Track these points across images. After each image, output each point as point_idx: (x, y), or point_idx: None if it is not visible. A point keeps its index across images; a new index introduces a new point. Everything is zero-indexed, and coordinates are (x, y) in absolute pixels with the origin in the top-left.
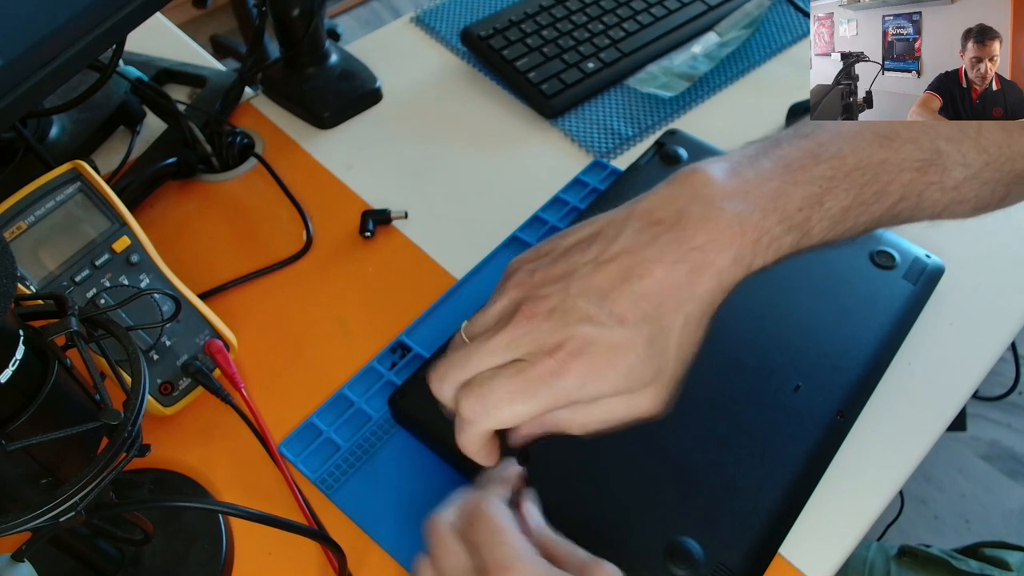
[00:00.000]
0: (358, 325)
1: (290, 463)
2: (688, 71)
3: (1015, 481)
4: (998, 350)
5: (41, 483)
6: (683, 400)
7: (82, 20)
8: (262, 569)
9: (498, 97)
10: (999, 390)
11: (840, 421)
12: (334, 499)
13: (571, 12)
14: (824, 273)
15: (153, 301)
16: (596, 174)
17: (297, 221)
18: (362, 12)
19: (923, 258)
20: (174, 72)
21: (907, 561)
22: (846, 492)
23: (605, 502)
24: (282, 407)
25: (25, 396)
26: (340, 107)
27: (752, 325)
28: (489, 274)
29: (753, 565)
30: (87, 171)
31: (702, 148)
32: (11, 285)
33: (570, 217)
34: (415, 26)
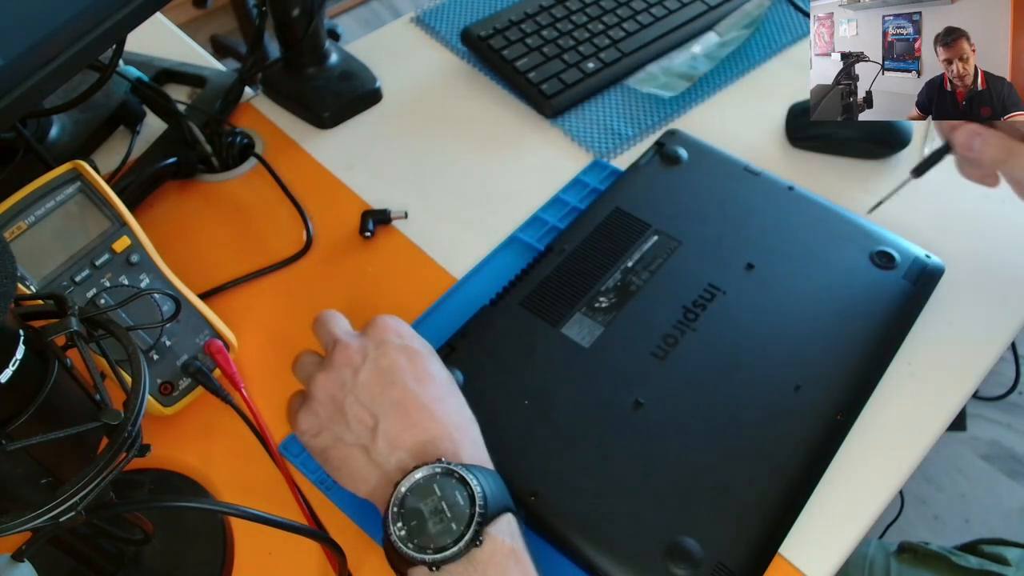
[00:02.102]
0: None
1: (290, 463)
2: (688, 71)
3: (1015, 481)
4: (998, 350)
5: (41, 483)
6: (684, 400)
7: (82, 20)
8: (262, 569)
9: (498, 97)
10: (999, 390)
11: (840, 421)
12: (334, 499)
13: (571, 12)
14: (824, 273)
15: (153, 301)
16: (596, 174)
17: (297, 221)
18: (362, 12)
19: (923, 258)
20: (174, 72)
21: (907, 558)
22: (846, 492)
23: (605, 501)
24: (282, 407)
25: (25, 396)
26: (340, 107)
27: (753, 325)
28: (489, 274)
29: (753, 565)
30: (87, 171)
31: (702, 148)
32: (11, 285)
33: (570, 217)
34: (415, 26)
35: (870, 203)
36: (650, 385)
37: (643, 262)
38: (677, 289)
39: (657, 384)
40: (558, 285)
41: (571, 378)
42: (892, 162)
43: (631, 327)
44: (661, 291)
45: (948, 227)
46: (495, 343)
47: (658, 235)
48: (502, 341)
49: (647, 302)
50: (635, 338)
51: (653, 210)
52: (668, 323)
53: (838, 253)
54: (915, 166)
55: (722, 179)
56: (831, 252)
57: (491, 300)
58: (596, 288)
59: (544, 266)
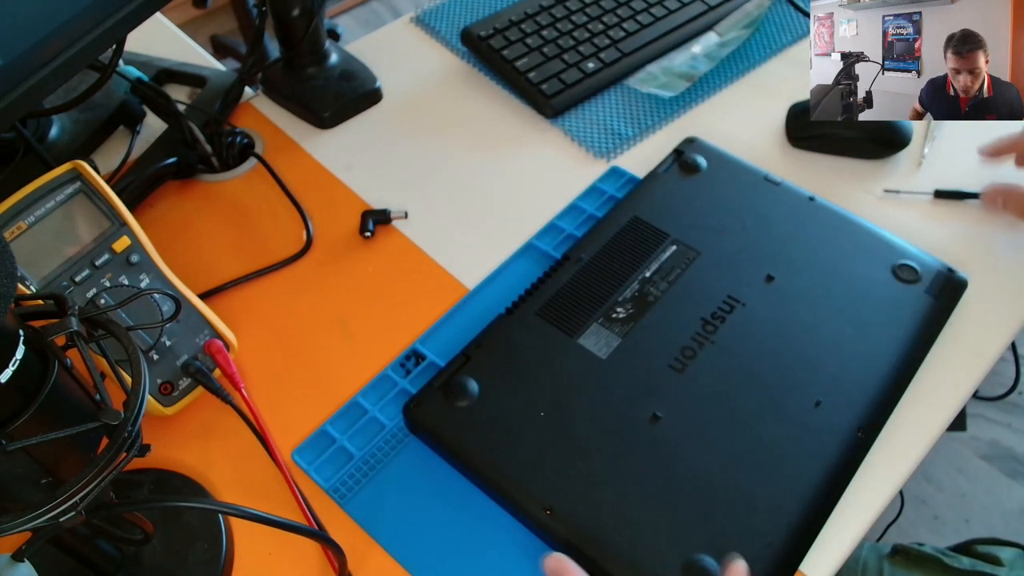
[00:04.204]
0: (359, 325)
1: (299, 467)
2: (688, 71)
3: (1015, 481)
4: (998, 350)
5: (41, 483)
6: (701, 414)
7: (82, 20)
8: (262, 569)
9: (498, 97)
10: (999, 390)
11: (860, 438)
12: (347, 508)
13: (571, 12)
14: (846, 287)
15: (153, 301)
16: (613, 181)
17: (297, 221)
18: (362, 12)
19: (946, 272)
20: (174, 72)
21: (900, 560)
22: (846, 492)
23: (622, 519)
24: (283, 407)
25: (25, 396)
26: (340, 107)
27: (772, 338)
28: (504, 282)
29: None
30: (87, 171)
31: (721, 157)
32: (11, 285)
33: (587, 225)
34: (415, 26)
35: (871, 202)
36: (668, 398)
37: (661, 272)
38: (696, 300)
39: (675, 397)
40: (575, 295)
41: (587, 390)
42: (892, 162)
43: (649, 339)
44: (679, 302)
45: (947, 227)
46: (511, 353)
47: (676, 245)
48: (518, 351)
49: (665, 313)
50: (653, 350)
51: (671, 219)
52: (686, 335)
53: (859, 266)
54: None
55: (741, 189)
56: (852, 265)
57: (507, 309)
58: (613, 298)
59: (561, 275)
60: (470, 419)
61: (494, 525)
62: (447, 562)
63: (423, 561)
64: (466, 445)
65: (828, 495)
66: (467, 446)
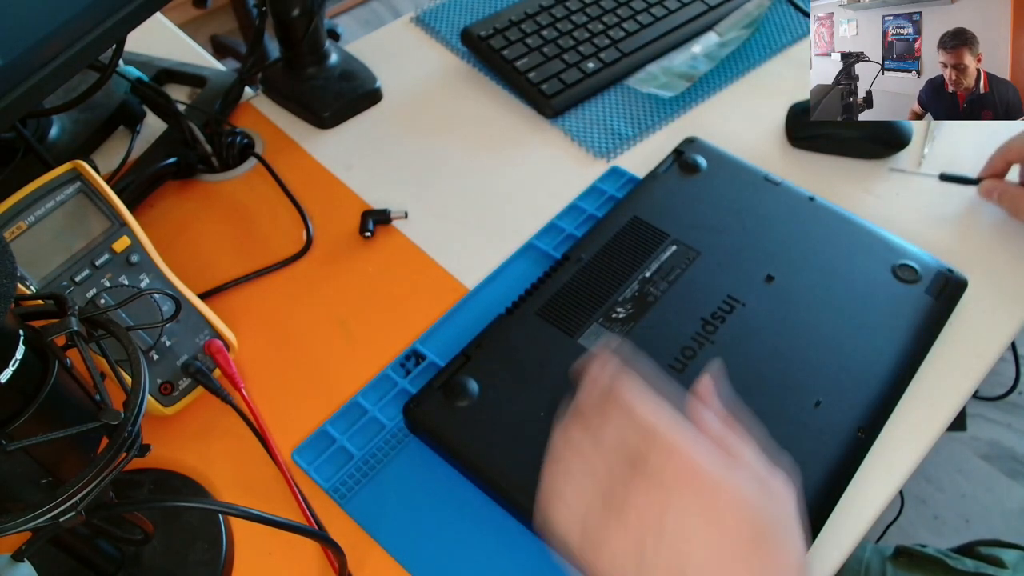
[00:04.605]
0: (359, 325)
1: (299, 467)
2: (688, 71)
3: (1015, 481)
4: (998, 350)
5: (41, 483)
6: None
7: (82, 20)
8: (262, 569)
9: (498, 97)
10: (999, 390)
11: (860, 438)
12: (347, 508)
13: (571, 12)
14: (846, 287)
15: (153, 301)
16: (613, 181)
17: (297, 221)
18: (362, 12)
19: (946, 272)
20: (174, 72)
21: (903, 561)
22: (846, 492)
23: None
24: (283, 407)
25: (25, 396)
26: (340, 107)
27: (772, 338)
28: (504, 282)
29: None
30: (87, 171)
31: (721, 156)
32: (11, 285)
33: (587, 225)
34: (415, 26)
35: (871, 202)
36: (667, 399)
37: (661, 272)
38: (696, 300)
39: (674, 398)
40: (575, 295)
41: None
42: (892, 162)
43: (649, 339)
44: (679, 302)
45: (946, 227)
46: (511, 353)
47: (676, 245)
48: (518, 351)
49: (665, 313)
50: (653, 350)
51: (671, 219)
52: (686, 335)
53: (860, 266)
54: (946, 174)
55: (741, 189)
56: (852, 265)
57: (507, 309)
58: (613, 298)
59: (561, 275)
60: (470, 419)
61: (494, 525)
62: (447, 562)
63: (423, 561)
64: (466, 445)
65: (828, 495)
66: (467, 446)
